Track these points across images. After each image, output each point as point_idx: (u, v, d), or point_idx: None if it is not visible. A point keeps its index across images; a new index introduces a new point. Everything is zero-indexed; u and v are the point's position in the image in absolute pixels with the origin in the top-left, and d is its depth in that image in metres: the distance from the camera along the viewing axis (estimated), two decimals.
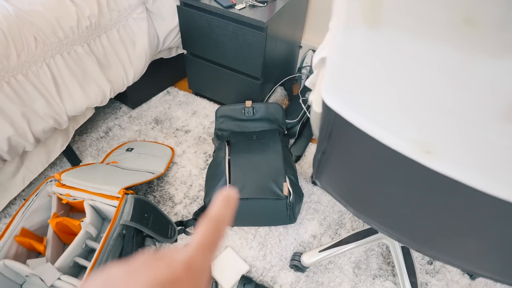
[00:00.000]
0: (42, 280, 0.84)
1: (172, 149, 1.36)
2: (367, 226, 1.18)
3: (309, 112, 1.45)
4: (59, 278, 0.84)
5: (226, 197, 0.27)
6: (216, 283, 1.02)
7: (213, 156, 1.35)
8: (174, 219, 1.18)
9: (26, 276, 0.85)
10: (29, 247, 0.93)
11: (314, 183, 1.30)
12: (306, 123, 1.48)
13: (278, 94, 1.54)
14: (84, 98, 1.10)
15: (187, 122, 1.49)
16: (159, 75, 1.57)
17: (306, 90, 1.54)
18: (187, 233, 1.13)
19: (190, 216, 1.18)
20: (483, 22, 0.25)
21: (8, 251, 0.89)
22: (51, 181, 1.00)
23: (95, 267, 0.85)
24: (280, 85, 1.56)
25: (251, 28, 1.18)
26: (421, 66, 0.31)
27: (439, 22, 0.27)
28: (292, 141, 1.45)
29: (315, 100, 0.71)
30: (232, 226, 1.16)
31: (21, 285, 0.95)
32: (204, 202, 1.14)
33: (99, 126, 1.45)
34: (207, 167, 1.33)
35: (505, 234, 0.47)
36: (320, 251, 1.03)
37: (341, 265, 1.09)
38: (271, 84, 1.51)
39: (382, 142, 0.49)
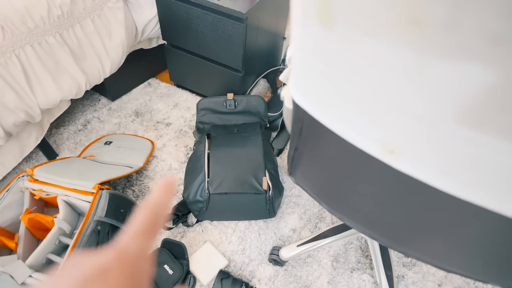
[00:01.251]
0: (12, 278, 0.82)
1: (152, 142, 1.34)
2: None
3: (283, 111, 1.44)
4: (30, 276, 0.83)
5: (166, 184, 0.26)
6: (194, 279, 1.02)
7: (193, 149, 1.33)
8: None
9: None
10: (0, 244, 0.91)
11: None
12: None
13: (261, 87, 1.52)
14: (57, 91, 1.06)
15: (168, 115, 1.47)
16: (140, 66, 1.53)
17: None
18: (165, 228, 1.12)
19: (169, 211, 1.17)
20: (429, 22, 0.24)
21: None
22: (23, 176, 0.98)
23: None
24: (263, 77, 1.54)
25: (231, 19, 1.15)
26: (377, 65, 0.30)
27: (388, 21, 0.26)
28: (274, 134, 1.44)
29: (286, 96, 0.70)
30: (212, 221, 1.16)
31: None
32: (183, 197, 1.12)
33: (77, 118, 1.41)
34: (187, 160, 1.32)
35: (466, 232, 0.48)
36: (298, 245, 1.03)
37: (320, 258, 1.10)
38: (253, 76, 1.49)
39: (348, 141, 0.48)
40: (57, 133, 1.35)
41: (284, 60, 1.60)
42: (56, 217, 0.92)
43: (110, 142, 1.29)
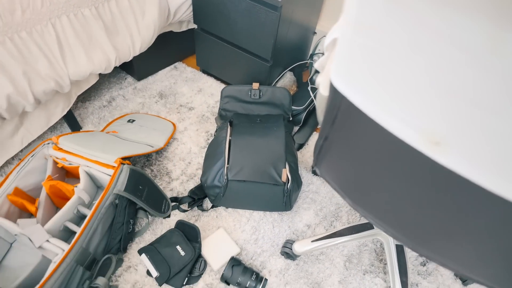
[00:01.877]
0: (30, 240, 0.83)
1: (174, 124, 1.34)
2: (363, 221, 1.15)
3: (316, 99, 1.41)
4: (47, 240, 0.84)
5: None
6: (205, 262, 1.01)
7: (214, 135, 1.33)
8: (169, 194, 1.16)
9: (15, 235, 0.84)
10: (21, 207, 0.93)
11: (314, 172, 1.27)
12: (312, 111, 1.44)
13: (286, 79, 1.50)
14: (88, 63, 1.07)
15: (192, 99, 1.47)
16: (168, 49, 1.54)
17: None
18: (181, 210, 1.12)
19: (186, 193, 1.17)
20: None
21: (0, 210, 0.88)
22: (48, 143, 0.99)
23: (84, 233, 0.84)
24: (289, 70, 1.52)
25: (265, 7, 1.13)
26: (441, 42, 0.28)
27: None
28: (296, 128, 1.42)
29: (322, 83, 0.68)
30: (227, 207, 1.15)
31: (11, 243, 0.96)
32: (201, 181, 1.12)
33: (103, 94, 1.43)
34: (207, 145, 1.31)
35: (507, 240, 0.45)
36: (312, 241, 1.02)
37: (333, 257, 1.08)
38: (280, 68, 1.47)
39: (387, 130, 0.46)
40: (83, 107, 1.36)
41: (312, 55, 1.57)
42: (76, 187, 0.93)
43: (133, 121, 1.30)
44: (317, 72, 1.54)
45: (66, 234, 0.94)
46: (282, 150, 1.12)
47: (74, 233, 0.95)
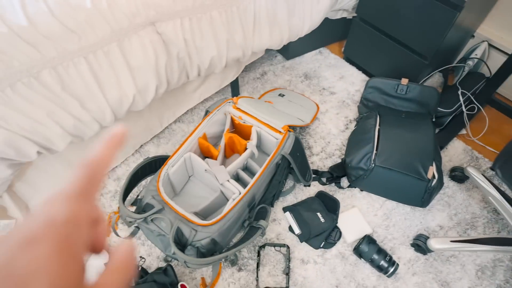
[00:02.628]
0: (216, 178, 1.03)
1: (317, 105, 1.44)
2: (504, 235, 1.12)
3: (465, 106, 1.37)
4: (228, 180, 1.02)
5: (113, 137, 0.24)
6: (340, 233, 1.11)
7: (356, 121, 1.40)
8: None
9: (205, 170, 1.04)
10: (205, 151, 1.14)
11: (452, 177, 1.26)
12: (458, 116, 1.40)
13: (434, 80, 1.48)
14: (269, 39, 1.22)
15: (334, 84, 1.55)
16: (318, 34, 1.62)
17: (467, 81, 1.44)
18: (321, 182, 1.23)
19: (324, 169, 1.27)
20: None
21: (192, 148, 1.10)
22: (229, 102, 1.18)
23: (257, 182, 1.00)
24: (439, 71, 1.49)
25: (445, 5, 1.13)
26: None
27: None
28: (436, 131, 1.41)
29: None
30: (362, 190, 1.22)
31: (190, 177, 1.18)
32: (345, 161, 1.21)
33: (257, 68, 1.60)
34: (346, 130, 1.39)
35: None
36: (452, 241, 1.03)
37: (464, 263, 1.08)
38: (430, 68, 1.45)
39: None
40: (240, 76, 1.55)
41: (465, 59, 1.51)
42: (249, 142, 1.10)
43: (283, 95, 1.44)
44: (468, 74, 1.48)
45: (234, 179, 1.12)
46: (431, 147, 1.14)
47: (239, 180, 1.13)
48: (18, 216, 1.06)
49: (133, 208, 1.08)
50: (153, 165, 1.10)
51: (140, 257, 1.04)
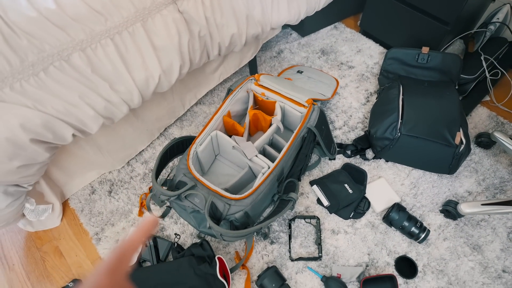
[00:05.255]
0: (244, 154, 1.04)
1: (336, 80, 1.43)
2: None
3: (489, 72, 1.35)
4: (256, 155, 1.04)
5: (146, 225, 0.30)
6: (369, 203, 1.12)
7: (378, 93, 1.39)
8: None
9: (233, 147, 1.06)
10: (230, 128, 1.15)
11: (478, 143, 1.25)
12: (482, 82, 1.38)
13: (456, 47, 1.45)
14: (287, 14, 1.21)
15: (352, 59, 1.54)
16: (331, 9, 1.59)
17: (489, 47, 1.41)
18: (346, 155, 1.23)
19: (348, 142, 1.27)
20: None
21: (217, 126, 1.11)
22: (251, 79, 1.18)
23: (285, 156, 1.01)
24: (460, 37, 1.46)
25: None
26: None
27: None
28: (460, 98, 1.39)
29: None
30: (388, 161, 1.22)
31: (216, 156, 1.20)
32: (369, 132, 1.21)
33: (273, 47, 1.59)
34: (367, 103, 1.38)
35: None
36: (483, 204, 1.03)
37: (495, 226, 1.08)
38: (450, 35, 1.42)
39: None
40: (257, 56, 1.55)
41: (487, 24, 1.47)
42: (274, 117, 1.11)
43: (302, 72, 1.43)
44: (490, 39, 1.44)
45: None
46: (457, 113, 1.13)
47: (265, 156, 1.14)
48: (54, 201, 1.10)
49: (164, 189, 1.10)
50: (180, 146, 1.12)
51: (175, 234, 1.07)
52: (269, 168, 1.00)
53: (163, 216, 1.11)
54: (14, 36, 0.77)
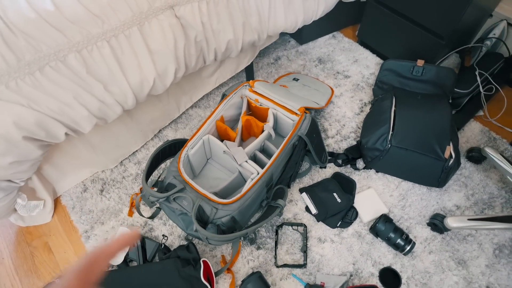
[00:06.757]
0: (234, 158, 1.05)
1: (332, 88, 1.45)
2: None
3: (483, 87, 1.36)
4: (246, 161, 1.05)
5: (126, 238, 0.31)
6: (357, 213, 1.13)
7: (371, 104, 1.40)
8: None
9: (224, 152, 1.07)
10: (223, 133, 1.16)
11: (469, 158, 1.26)
12: (475, 97, 1.39)
13: (451, 61, 1.46)
14: (284, 22, 1.23)
15: (348, 68, 1.55)
16: (330, 18, 1.61)
17: (484, 62, 1.42)
18: (337, 164, 1.24)
19: (340, 151, 1.28)
20: None
21: (210, 130, 1.13)
22: (246, 86, 1.20)
23: (274, 162, 1.02)
24: (456, 51, 1.47)
25: None
26: None
27: None
28: (453, 112, 1.40)
29: None
30: (378, 171, 1.23)
31: (208, 159, 1.21)
32: (360, 142, 1.22)
33: (270, 53, 1.61)
34: (361, 113, 1.40)
35: None
36: (469, 219, 1.04)
37: (481, 242, 1.08)
38: (446, 49, 1.43)
39: None
40: (254, 62, 1.57)
41: (483, 39, 1.48)
42: (266, 124, 1.12)
43: (298, 79, 1.45)
44: (486, 55, 1.45)
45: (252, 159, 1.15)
46: (448, 127, 1.14)
47: (256, 161, 1.15)
48: (46, 197, 1.11)
49: (154, 190, 1.12)
50: (172, 148, 1.13)
51: (163, 235, 1.08)
52: (258, 173, 1.02)
53: (152, 217, 1.12)
54: (12, 35, 0.79)
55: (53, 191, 1.17)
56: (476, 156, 1.24)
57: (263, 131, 1.14)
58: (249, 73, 1.46)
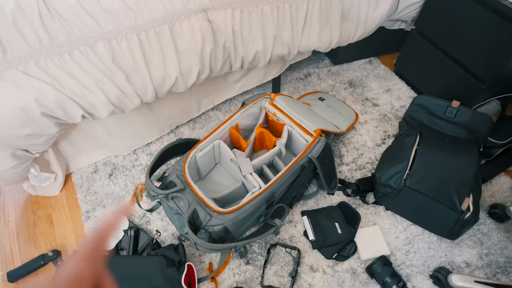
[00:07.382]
0: (239, 168, 1.04)
1: (357, 114, 1.40)
2: None
3: None
4: (250, 173, 1.03)
5: (122, 209, 0.30)
6: (356, 249, 1.08)
7: (395, 137, 1.34)
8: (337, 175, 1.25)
9: (231, 160, 1.07)
10: (235, 141, 1.16)
11: (491, 214, 1.16)
12: (511, 149, 1.28)
13: (490, 107, 1.36)
14: (317, 40, 1.21)
15: (378, 96, 1.49)
16: (368, 43, 1.57)
17: None
18: (346, 193, 1.19)
19: (352, 180, 1.24)
20: None
21: (223, 136, 1.13)
22: (266, 98, 1.19)
23: (279, 179, 1.00)
24: (498, 98, 1.37)
25: None
26: None
27: None
28: (483, 162, 1.30)
29: None
30: (387, 209, 1.17)
31: (216, 164, 1.21)
32: (374, 176, 1.17)
33: (302, 69, 1.59)
34: (382, 144, 1.34)
35: None
36: (476, 281, 0.96)
37: None
38: (486, 94, 1.34)
39: None
40: (284, 74, 1.56)
41: None
42: (279, 140, 1.10)
43: (323, 99, 1.42)
44: None
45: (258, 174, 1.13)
46: (471, 177, 1.06)
47: (262, 175, 1.14)
48: (58, 171, 1.16)
49: (159, 184, 1.13)
50: (183, 146, 1.15)
51: (157, 231, 1.09)
52: (260, 188, 1.00)
53: (151, 210, 1.14)
54: (49, 17, 0.84)
55: (67, 167, 1.22)
56: (499, 214, 1.14)
57: (275, 146, 1.12)
58: (275, 85, 1.45)
